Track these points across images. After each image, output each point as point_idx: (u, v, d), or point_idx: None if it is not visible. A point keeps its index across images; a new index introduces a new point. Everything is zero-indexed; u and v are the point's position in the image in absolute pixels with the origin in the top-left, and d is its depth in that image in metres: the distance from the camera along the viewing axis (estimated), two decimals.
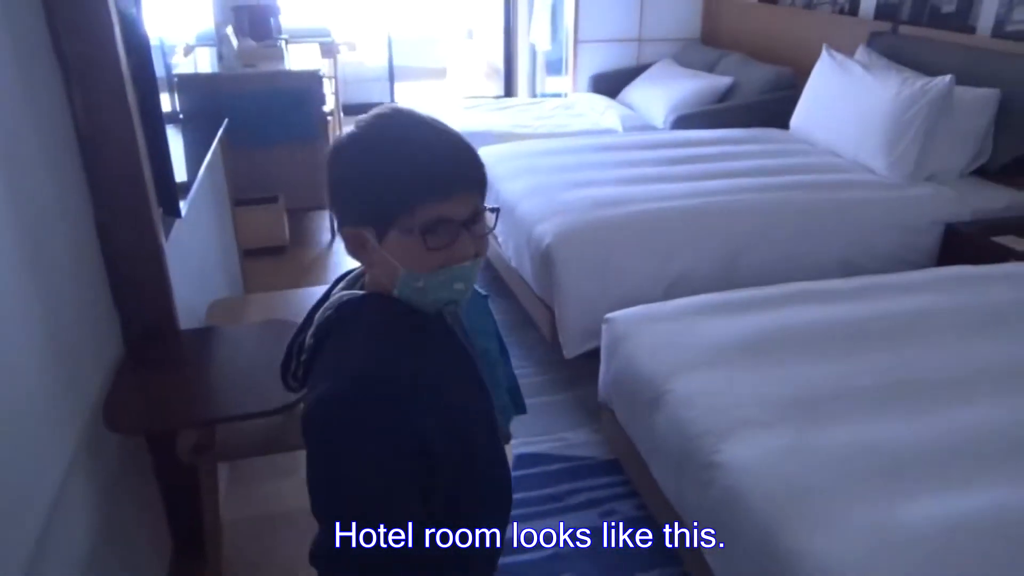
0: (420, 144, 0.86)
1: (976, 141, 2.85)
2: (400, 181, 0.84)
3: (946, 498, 1.21)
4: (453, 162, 0.86)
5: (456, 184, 0.85)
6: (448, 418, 0.88)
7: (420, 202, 0.83)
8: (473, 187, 0.88)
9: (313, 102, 3.75)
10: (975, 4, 3.03)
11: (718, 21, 4.73)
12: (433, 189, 0.84)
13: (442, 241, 0.85)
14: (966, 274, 2.09)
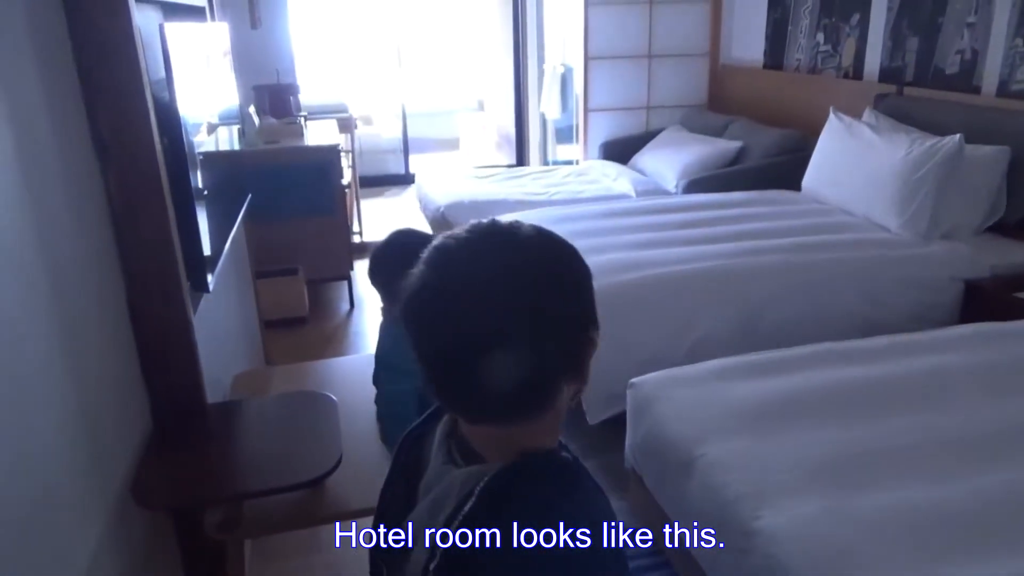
0: (565, 245, 0.75)
1: (990, 197, 2.87)
2: (590, 291, 0.73)
3: (984, 562, 1.18)
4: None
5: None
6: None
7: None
8: None
9: (332, 175, 3.84)
10: (979, 64, 3.10)
11: (724, 87, 4.84)
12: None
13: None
14: (988, 331, 2.08)
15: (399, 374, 1.69)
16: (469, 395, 0.70)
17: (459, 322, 0.68)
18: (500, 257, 0.70)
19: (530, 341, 0.67)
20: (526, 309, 0.67)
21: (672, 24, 4.80)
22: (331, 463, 1.45)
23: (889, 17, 3.54)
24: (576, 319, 0.71)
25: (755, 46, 4.56)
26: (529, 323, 0.67)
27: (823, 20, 3.98)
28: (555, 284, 0.70)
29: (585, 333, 0.71)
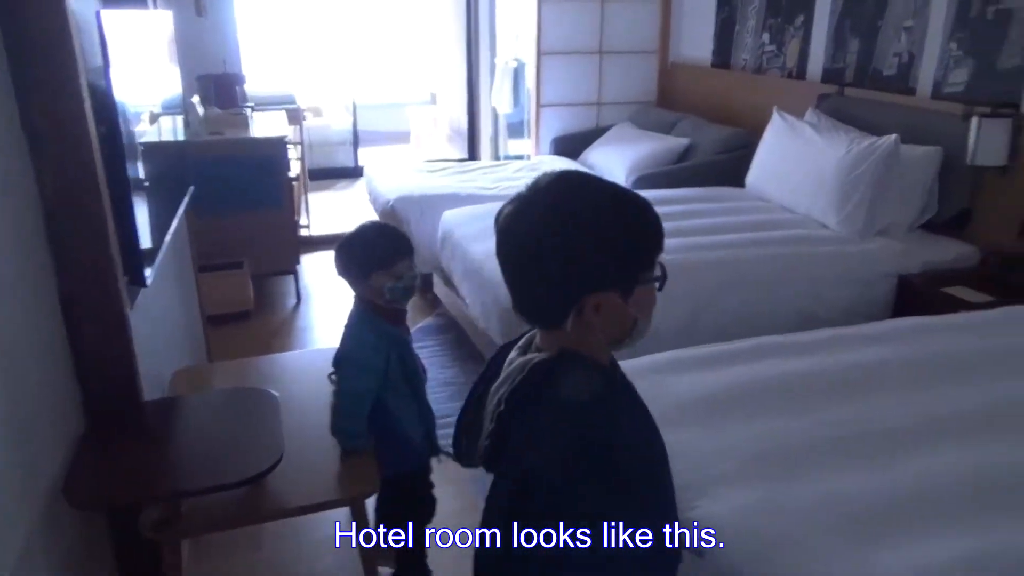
0: (639, 200, 0.92)
1: (922, 196, 2.97)
2: (649, 237, 0.91)
3: (915, 548, 1.23)
4: (651, 206, 0.93)
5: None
6: (657, 458, 0.96)
7: (659, 250, 0.92)
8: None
9: (279, 168, 3.78)
10: (914, 67, 3.21)
11: (673, 85, 4.91)
12: (661, 240, 0.92)
13: (663, 283, 0.93)
14: (920, 325, 2.16)
15: (360, 371, 1.68)
16: (518, 298, 0.93)
17: (511, 241, 0.91)
18: (553, 198, 0.89)
19: (545, 268, 0.88)
20: (551, 242, 0.87)
21: (623, 21, 4.84)
22: (272, 460, 1.43)
23: (831, 19, 3.63)
24: (582, 267, 0.88)
25: (703, 45, 4.64)
26: (548, 255, 0.88)
27: (769, 21, 4.06)
28: (581, 228, 0.87)
29: (601, 280, 0.88)
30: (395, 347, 1.72)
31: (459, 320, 3.40)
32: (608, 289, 0.89)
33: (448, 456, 2.50)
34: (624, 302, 0.90)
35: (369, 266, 1.66)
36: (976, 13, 2.91)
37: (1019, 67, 2.76)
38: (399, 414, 1.75)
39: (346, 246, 1.71)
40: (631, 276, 0.90)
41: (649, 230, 0.91)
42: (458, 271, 3.14)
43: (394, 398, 1.73)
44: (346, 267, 1.71)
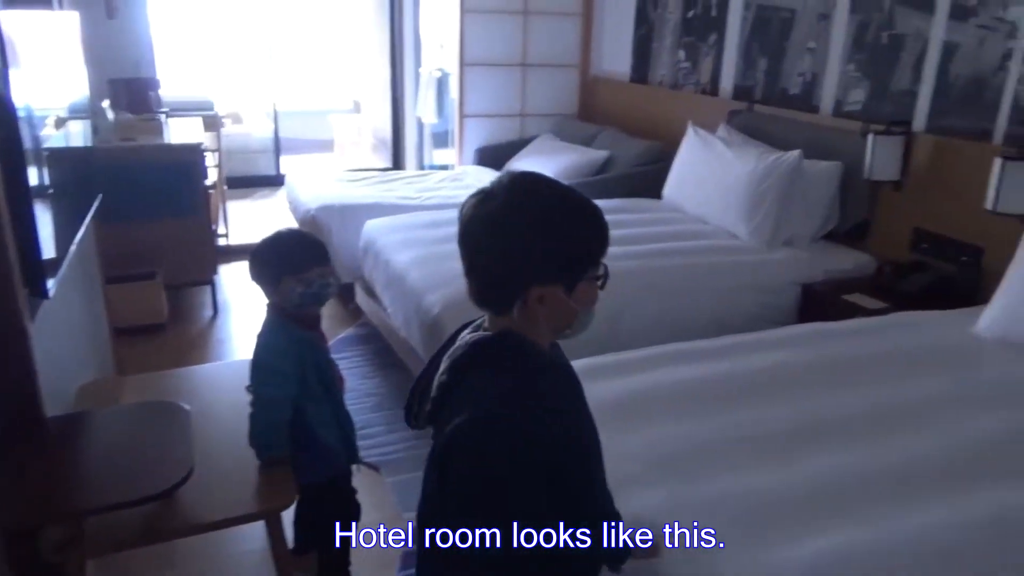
0: (586, 202, 1.00)
1: (825, 208, 3.14)
2: (595, 238, 1.00)
3: (808, 540, 1.30)
4: (599, 211, 1.01)
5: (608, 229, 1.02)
6: (574, 436, 1.02)
7: (601, 252, 1.01)
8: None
9: (195, 176, 3.69)
10: (817, 86, 3.39)
11: (594, 98, 5.03)
12: (606, 243, 1.01)
13: (605, 282, 1.03)
14: (820, 330, 2.28)
15: (272, 376, 1.67)
16: (472, 284, 1.02)
17: (469, 231, 0.99)
18: (511, 195, 0.98)
19: (495, 258, 0.98)
20: (503, 235, 0.97)
21: (546, 35, 4.93)
22: (181, 474, 1.40)
23: (741, 39, 3.80)
24: (529, 260, 0.97)
25: (623, 60, 4.77)
26: (499, 247, 0.97)
27: (684, 39, 4.21)
28: (532, 225, 0.96)
29: (536, 275, 0.97)
30: (309, 352, 1.72)
31: (381, 330, 3.39)
32: (552, 283, 0.98)
33: (368, 467, 2.50)
34: (567, 296, 0.99)
35: (280, 271, 1.66)
36: (872, 37, 3.10)
37: (910, 88, 2.95)
38: (316, 421, 1.74)
39: (260, 251, 1.71)
40: (574, 273, 0.99)
41: (594, 233, 1.00)
42: (380, 281, 3.13)
43: (311, 405, 1.73)
44: (259, 272, 1.70)
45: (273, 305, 1.72)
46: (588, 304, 1.03)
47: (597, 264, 1.01)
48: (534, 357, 1.01)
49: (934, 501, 1.43)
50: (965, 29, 2.73)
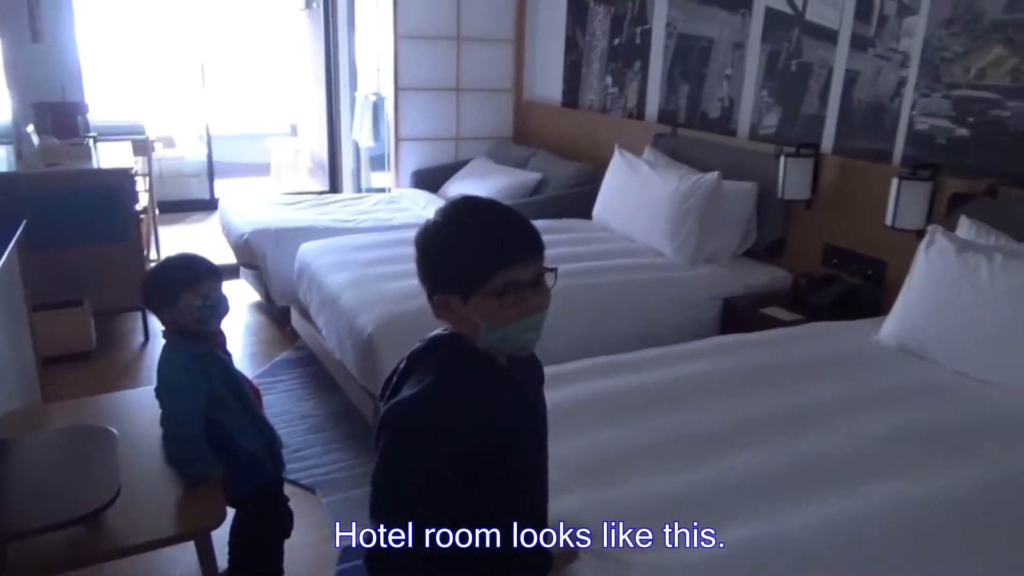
0: (490, 224, 1.07)
1: (743, 226, 3.30)
2: (478, 257, 1.05)
3: (715, 536, 1.39)
4: (516, 236, 1.07)
5: (520, 254, 1.06)
6: (500, 435, 1.08)
7: (495, 271, 1.04)
8: (535, 254, 1.08)
9: (124, 200, 3.65)
10: (735, 111, 3.57)
11: (527, 122, 5.15)
12: (503, 261, 1.04)
13: (514, 300, 1.05)
14: (736, 341, 2.40)
15: (176, 392, 1.71)
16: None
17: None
18: (438, 212, 1.10)
19: (422, 271, 1.10)
20: (418, 244, 1.10)
21: (479, 61, 5.04)
22: (107, 496, 1.41)
23: (664, 66, 3.97)
24: (427, 264, 1.09)
25: (554, 85, 4.91)
26: (421, 261, 1.10)
27: (611, 65, 4.37)
28: (433, 238, 1.08)
29: (433, 280, 1.08)
30: (214, 364, 1.76)
31: (317, 353, 3.40)
32: (447, 292, 1.07)
33: (303, 488, 2.51)
34: (463, 307, 1.06)
35: (176, 288, 1.71)
36: (782, 66, 3.29)
37: (817, 113, 3.14)
38: (235, 431, 1.78)
39: (154, 276, 1.80)
40: (467, 286, 1.05)
41: (492, 249, 1.05)
42: (315, 303, 3.15)
43: (227, 416, 1.77)
44: (156, 295, 1.76)
45: (171, 328, 1.77)
46: (490, 319, 1.06)
47: (491, 283, 1.04)
48: (472, 358, 1.10)
49: (831, 494, 1.54)
50: (864, 59, 2.94)
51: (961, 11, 2.59)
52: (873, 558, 1.39)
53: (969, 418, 1.90)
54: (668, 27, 3.90)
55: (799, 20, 3.19)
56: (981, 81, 2.56)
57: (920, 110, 2.75)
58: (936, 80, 2.69)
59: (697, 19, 3.72)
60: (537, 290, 1.08)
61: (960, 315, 2.19)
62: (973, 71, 2.58)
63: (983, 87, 2.56)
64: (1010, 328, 2.07)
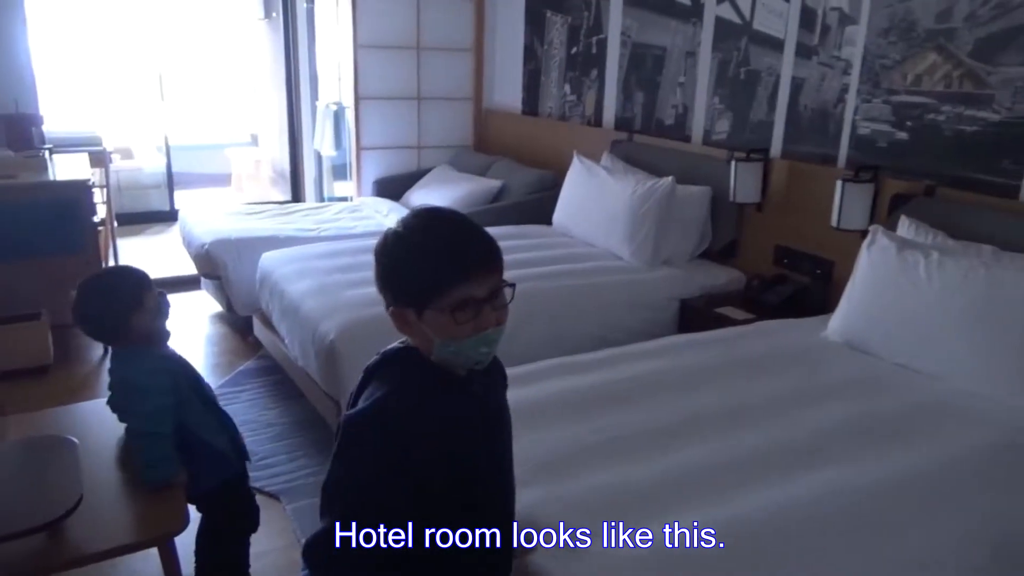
0: (444, 239, 1.06)
1: (698, 229, 3.39)
2: (431, 272, 1.04)
3: (657, 524, 1.45)
4: (471, 250, 1.06)
5: (475, 269, 1.05)
6: (449, 446, 1.09)
7: (448, 287, 1.03)
8: (491, 269, 1.07)
9: (82, 213, 3.62)
10: (688, 118, 3.67)
11: (487, 130, 5.21)
12: (456, 276, 1.03)
13: (468, 316, 1.04)
14: (690, 340, 2.48)
15: (152, 393, 1.72)
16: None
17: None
18: (394, 225, 1.10)
19: (380, 282, 1.10)
20: (378, 266, 1.09)
21: (439, 70, 5.09)
22: (69, 504, 1.42)
23: (620, 74, 4.06)
24: (382, 276, 1.09)
25: (514, 94, 4.98)
26: (378, 272, 1.09)
27: (569, 74, 4.45)
28: (385, 251, 1.08)
29: (388, 293, 1.09)
30: (175, 365, 1.80)
31: (280, 362, 3.40)
32: (403, 305, 1.07)
33: (268, 495, 2.52)
34: (418, 320, 1.06)
35: (126, 311, 1.73)
36: (732, 73, 3.40)
37: (766, 119, 3.25)
38: (198, 427, 1.81)
39: (100, 301, 1.76)
40: (421, 300, 1.05)
41: (445, 264, 1.04)
42: (276, 312, 3.16)
43: (190, 414, 1.79)
44: (101, 324, 1.77)
45: (130, 339, 1.77)
46: (444, 334, 1.06)
47: (444, 298, 1.03)
48: (422, 370, 1.10)
49: (778, 482, 1.61)
50: (809, 66, 3.05)
51: (897, 20, 2.72)
52: (818, 540, 1.46)
53: (907, 408, 1.99)
54: (623, 36, 3.99)
55: (747, 29, 3.30)
56: (918, 87, 2.68)
57: (862, 115, 2.87)
58: (876, 86, 2.81)
59: (650, 28, 3.81)
60: (493, 304, 1.07)
61: (900, 310, 2.29)
62: (910, 77, 2.70)
63: (919, 92, 2.68)
64: (945, 322, 2.17)
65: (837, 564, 1.41)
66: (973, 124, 2.53)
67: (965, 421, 1.93)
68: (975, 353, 2.11)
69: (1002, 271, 2.12)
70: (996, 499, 1.62)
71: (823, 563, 1.41)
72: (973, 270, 2.16)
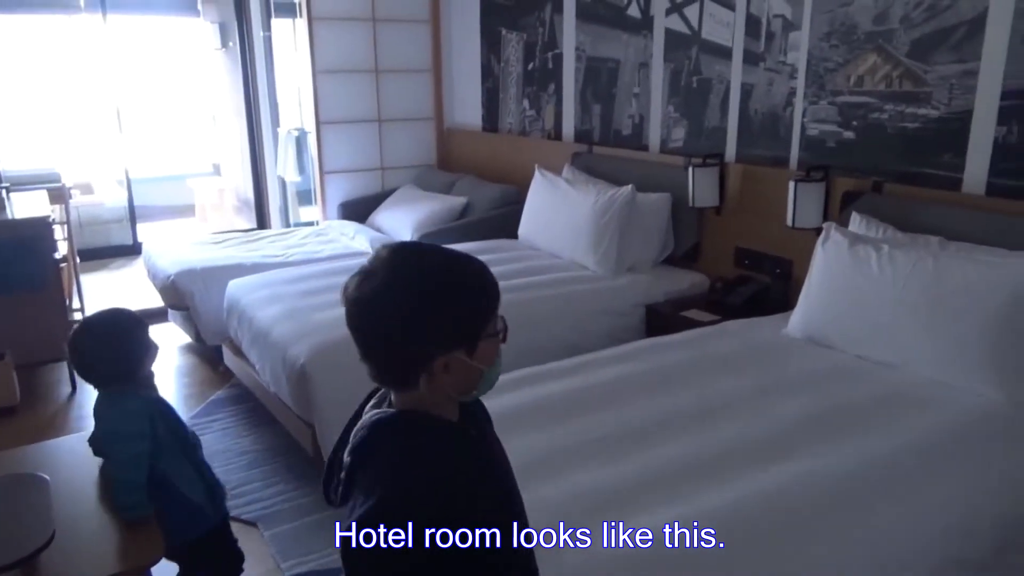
0: (469, 265, 1.01)
1: (660, 235, 3.46)
2: (479, 298, 0.99)
3: (639, 518, 1.49)
4: (487, 270, 1.03)
5: (496, 285, 1.02)
6: (476, 520, 0.93)
7: (495, 306, 1.01)
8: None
9: (42, 250, 3.58)
10: (645, 127, 3.75)
11: (450, 148, 5.26)
12: (496, 294, 1.01)
13: (505, 333, 1.02)
14: (657, 343, 2.53)
15: (131, 439, 1.71)
16: (372, 366, 0.99)
17: (358, 313, 0.97)
18: (391, 269, 0.97)
19: (392, 339, 0.96)
20: (394, 311, 0.95)
21: (399, 91, 5.12)
22: (42, 540, 1.41)
23: (576, 87, 4.14)
24: (415, 333, 0.96)
25: (474, 111, 5.03)
26: (393, 326, 0.96)
27: (527, 89, 4.52)
28: (421, 296, 0.96)
29: (436, 347, 0.96)
30: (158, 409, 1.79)
31: (252, 389, 3.39)
32: (454, 349, 0.97)
33: (245, 523, 2.51)
34: (470, 358, 0.98)
35: (140, 356, 1.77)
36: (684, 82, 3.49)
37: (719, 125, 3.34)
38: (176, 477, 1.79)
39: (102, 354, 1.75)
40: (473, 334, 0.98)
41: (483, 291, 1.00)
42: (246, 339, 3.15)
43: (169, 462, 1.78)
44: (114, 369, 1.76)
45: (129, 380, 1.78)
46: (492, 359, 1.02)
47: (493, 319, 1.01)
48: (437, 436, 1.00)
49: (746, 475, 1.66)
50: (757, 72, 3.14)
51: (838, 24, 2.82)
52: (788, 528, 1.51)
53: (868, 398, 2.06)
54: (577, 51, 4.07)
55: (696, 39, 3.39)
56: (861, 88, 2.78)
57: (810, 117, 2.96)
58: (822, 89, 2.91)
59: (603, 42, 3.90)
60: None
61: (856, 304, 2.37)
62: (853, 79, 2.80)
63: (863, 93, 2.78)
64: (898, 312, 2.25)
65: (809, 548, 1.46)
66: (915, 121, 2.63)
67: (923, 408, 2.00)
68: (928, 341, 2.18)
69: (949, 260, 2.21)
70: (953, 480, 1.69)
71: (795, 548, 1.46)
72: (922, 261, 2.24)
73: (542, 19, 4.28)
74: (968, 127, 2.48)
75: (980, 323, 2.07)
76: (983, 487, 1.68)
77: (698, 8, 3.36)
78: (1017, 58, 2.33)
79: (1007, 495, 1.68)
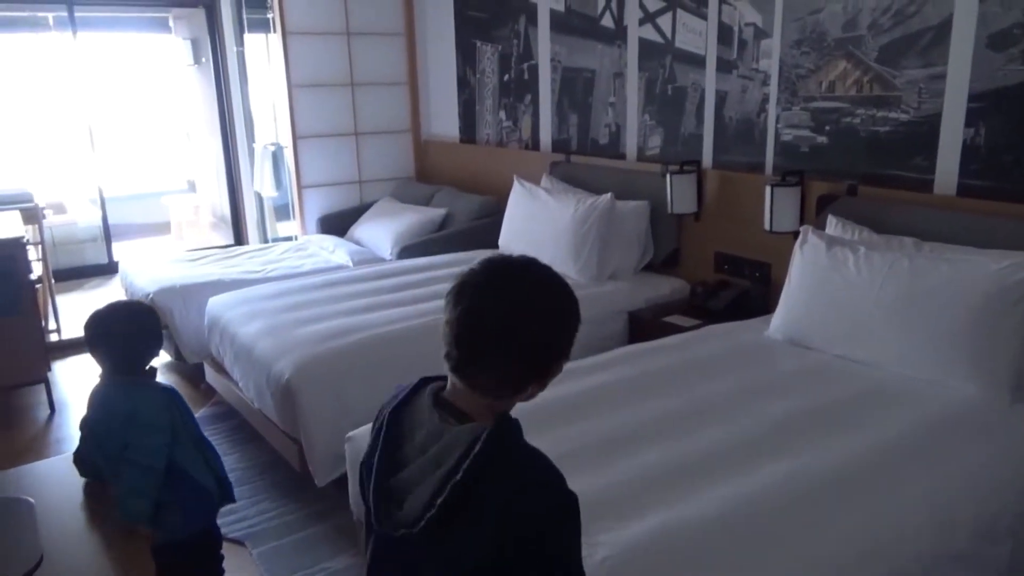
0: (563, 291, 1.04)
1: (640, 243, 3.49)
2: (574, 326, 1.03)
3: (622, 526, 1.50)
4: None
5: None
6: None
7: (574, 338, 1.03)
8: None
9: (16, 271, 3.53)
10: (622, 135, 3.78)
11: (429, 160, 5.27)
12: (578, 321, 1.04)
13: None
14: (639, 349, 2.56)
15: (154, 430, 1.72)
16: (483, 375, 0.99)
17: (482, 322, 0.98)
18: (527, 288, 1.01)
19: (514, 361, 0.98)
20: (529, 329, 0.98)
21: (375, 104, 5.13)
22: (29, 565, 1.39)
23: (553, 98, 4.17)
24: (550, 349, 1.01)
25: (451, 123, 5.05)
26: (517, 350, 0.98)
27: (503, 100, 4.55)
28: (542, 323, 1.00)
29: (556, 361, 1.02)
30: (171, 399, 1.82)
31: (236, 406, 3.36)
32: (555, 363, 1.02)
33: (233, 542, 2.49)
34: (539, 388, 1.03)
35: (156, 347, 1.84)
36: (659, 91, 3.53)
37: (695, 132, 3.38)
38: (188, 465, 1.80)
39: (141, 322, 1.83)
40: (556, 362, 1.02)
41: (576, 319, 1.05)
42: (228, 356, 3.13)
43: (181, 451, 1.79)
44: (133, 349, 1.79)
45: (113, 373, 1.78)
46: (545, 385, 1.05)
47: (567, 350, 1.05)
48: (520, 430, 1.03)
49: (732, 476, 1.68)
50: (731, 80, 3.20)
51: (808, 32, 2.88)
52: (774, 528, 1.53)
53: (849, 396, 2.10)
54: (553, 61, 4.11)
55: (670, 48, 3.44)
56: (832, 93, 2.84)
57: (784, 123, 3.02)
58: (794, 95, 2.96)
59: (578, 53, 3.94)
60: None
61: (834, 305, 2.41)
62: (824, 84, 2.86)
63: (834, 98, 2.83)
64: (876, 312, 2.29)
65: (794, 545, 1.48)
66: (886, 124, 2.69)
67: (901, 404, 2.04)
68: (905, 339, 2.22)
69: (923, 260, 2.26)
70: (932, 474, 1.72)
71: (782, 544, 1.47)
72: (897, 261, 2.29)
73: (516, 31, 4.31)
74: (938, 130, 2.54)
75: (955, 321, 2.11)
76: (960, 481, 1.71)
77: (671, 18, 3.41)
78: (982, 61, 2.40)
79: (983, 488, 1.72)
